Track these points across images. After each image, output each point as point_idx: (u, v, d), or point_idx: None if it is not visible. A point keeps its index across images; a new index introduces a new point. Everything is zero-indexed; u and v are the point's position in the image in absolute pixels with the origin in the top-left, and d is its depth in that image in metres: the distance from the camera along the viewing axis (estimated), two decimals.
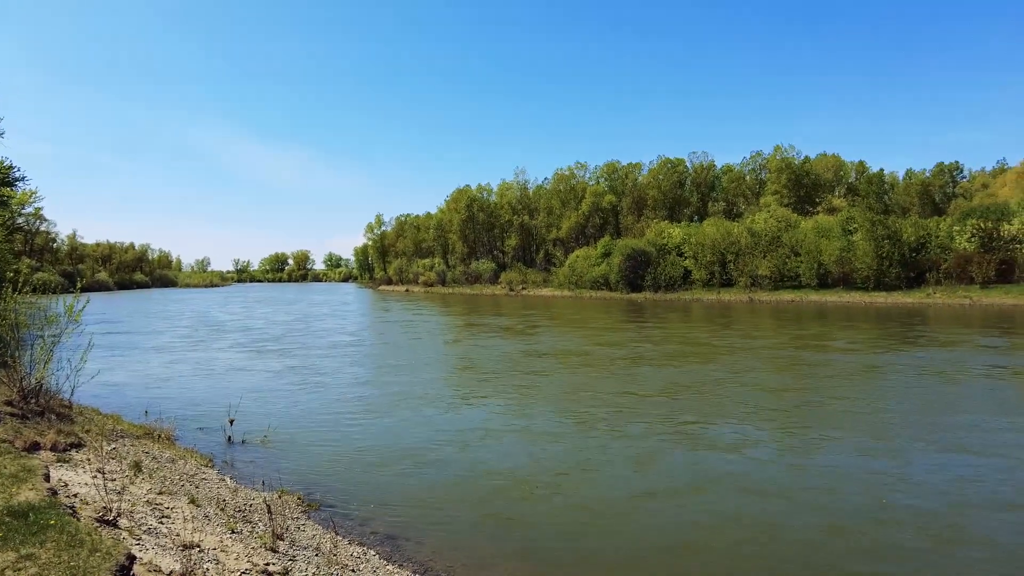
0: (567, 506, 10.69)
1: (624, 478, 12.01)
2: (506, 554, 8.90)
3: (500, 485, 11.69)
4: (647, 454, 13.48)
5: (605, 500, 10.93)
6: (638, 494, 11.20)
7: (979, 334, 34.63)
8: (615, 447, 13.98)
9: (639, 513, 10.39)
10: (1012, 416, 16.07)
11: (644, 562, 8.69)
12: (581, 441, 14.56)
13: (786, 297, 69.62)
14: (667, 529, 9.78)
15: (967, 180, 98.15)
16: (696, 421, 16.26)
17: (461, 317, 53.70)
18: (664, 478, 12.02)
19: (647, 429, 15.47)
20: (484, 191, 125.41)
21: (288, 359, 28.08)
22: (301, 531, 9.17)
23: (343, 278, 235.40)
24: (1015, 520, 9.71)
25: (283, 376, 23.59)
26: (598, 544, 9.23)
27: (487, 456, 13.47)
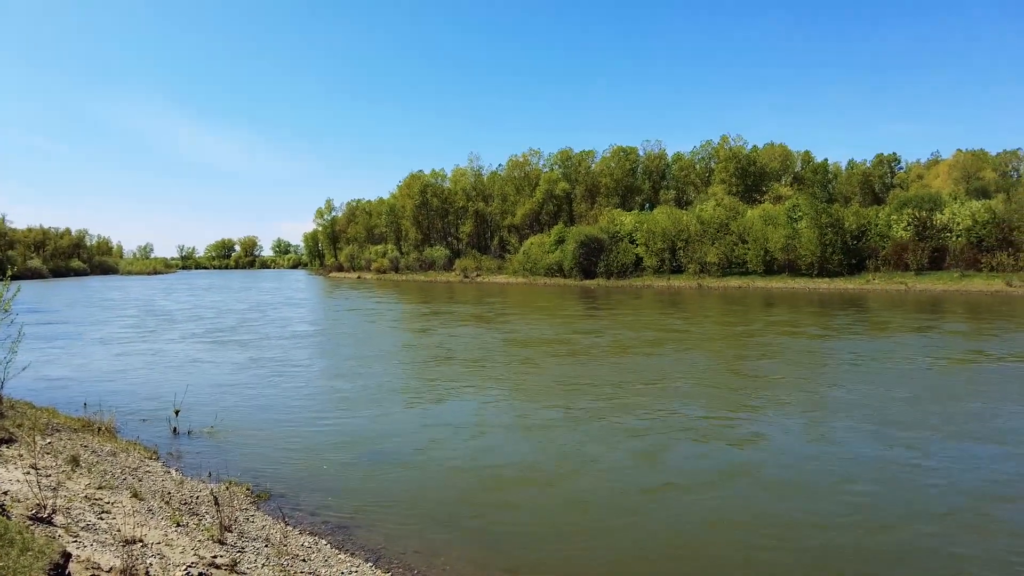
0: (520, 491, 10.77)
1: (585, 461, 12.15)
2: (458, 539, 8.93)
3: (454, 473, 11.69)
4: (644, 445, 13.64)
5: (556, 484, 11.04)
6: (595, 476, 11.35)
7: (926, 320, 36.24)
8: (600, 437, 14.11)
9: (595, 492, 10.54)
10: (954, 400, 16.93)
11: (595, 538, 8.85)
12: (554, 431, 14.65)
13: (733, 283, 71.36)
14: (619, 504, 9.96)
15: (904, 171, 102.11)
16: (707, 415, 16.46)
17: (425, 305, 53.01)
18: (630, 463, 12.21)
19: (634, 416, 15.67)
20: (438, 176, 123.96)
21: (245, 350, 27.38)
22: (250, 522, 8.99)
23: (292, 265, 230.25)
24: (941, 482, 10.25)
25: (235, 366, 23.04)
26: (547, 528, 9.33)
27: (444, 445, 13.43)
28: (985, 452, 12.29)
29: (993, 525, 9.09)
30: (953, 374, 20.31)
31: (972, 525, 9.10)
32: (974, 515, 9.42)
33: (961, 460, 11.81)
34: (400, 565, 8.23)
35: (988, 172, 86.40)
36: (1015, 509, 9.65)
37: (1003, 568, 7.85)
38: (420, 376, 21.29)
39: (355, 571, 7.84)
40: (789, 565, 8.12)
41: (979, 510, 9.61)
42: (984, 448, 12.54)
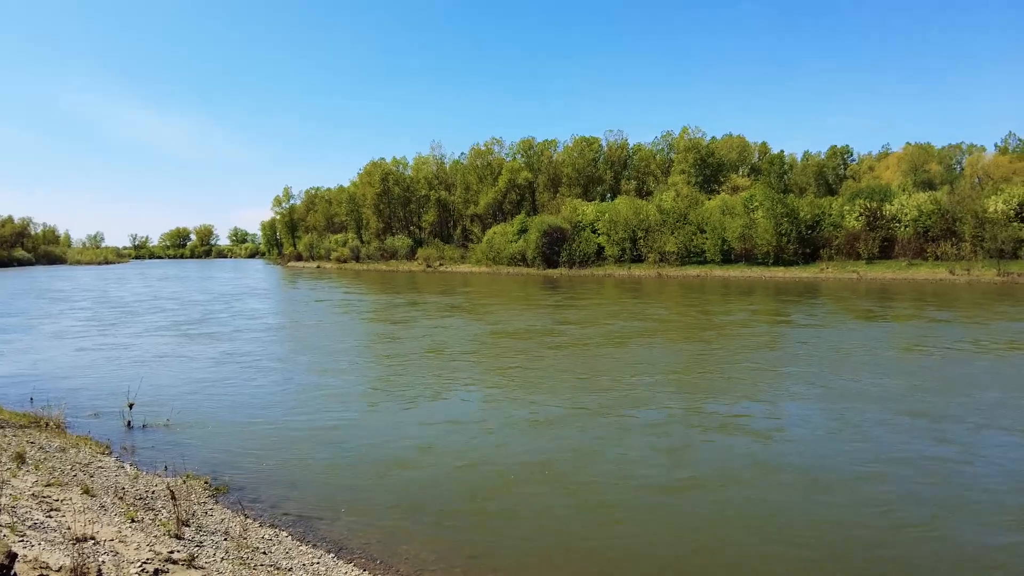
0: (480, 480, 10.81)
1: (543, 449, 12.25)
2: (421, 528, 8.93)
3: (416, 464, 11.66)
4: (665, 438, 13.76)
5: (518, 474, 11.11)
6: (555, 465, 11.45)
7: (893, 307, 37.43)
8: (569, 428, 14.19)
9: (547, 482, 10.63)
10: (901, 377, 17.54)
11: (551, 521, 8.96)
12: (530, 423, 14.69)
13: (692, 272, 72.54)
14: (587, 492, 10.08)
15: (856, 163, 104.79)
16: (721, 407, 16.35)
17: (398, 295, 52.06)
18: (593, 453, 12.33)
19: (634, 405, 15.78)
20: (400, 164, 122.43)
21: (213, 343, 26.70)
22: (209, 516, 8.85)
23: (250, 254, 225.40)
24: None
25: (198, 360, 22.53)
26: (509, 514, 9.40)
27: (403, 435, 13.38)
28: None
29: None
30: (963, 363, 20.20)
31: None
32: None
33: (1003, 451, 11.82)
34: (362, 555, 8.21)
35: (934, 165, 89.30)
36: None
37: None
38: (395, 369, 21.13)
39: (317, 562, 7.79)
40: (822, 563, 8.01)
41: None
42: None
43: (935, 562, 7.92)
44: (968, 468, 10.97)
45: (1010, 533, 8.54)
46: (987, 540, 8.37)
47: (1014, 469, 10.82)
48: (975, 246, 61.93)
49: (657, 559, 8.16)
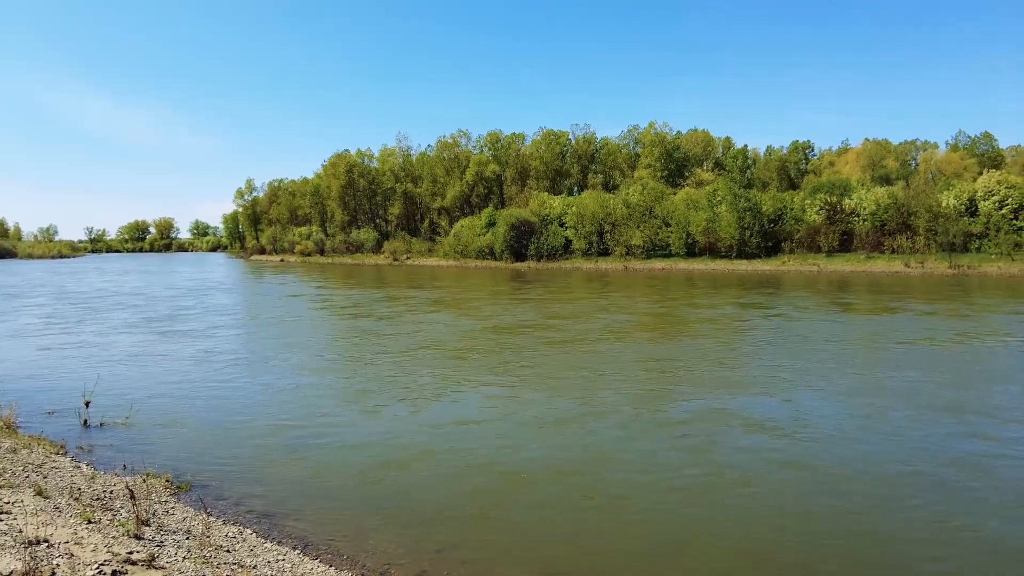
0: (449, 473, 10.77)
1: (513, 443, 12.26)
2: (389, 524, 8.87)
3: (383, 457, 11.57)
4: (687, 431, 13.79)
5: (488, 466, 11.10)
6: (526, 459, 11.47)
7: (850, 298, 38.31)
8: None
9: (520, 477, 10.64)
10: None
11: (521, 514, 9.00)
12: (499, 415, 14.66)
13: (657, 265, 73.38)
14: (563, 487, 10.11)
15: (817, 158, 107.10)
16: (737, 402, 16.51)
17: (377, 291, 50.89)
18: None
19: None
20: (365, 156, 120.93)
21: (187, 340, 26.04)
22: (170, 515, 8.65)
23: (212, 247, 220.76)
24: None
25: (162, 357, 21.94)
26: (479, 508, 9.40)
27: (373, 431, 13.26)
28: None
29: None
30: (978, 356, 20.38)
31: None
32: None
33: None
34: (328, 551, 8.12)
35: (891, 161, 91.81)
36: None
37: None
38: (374, 366, 20.90)
39: (282, 559, 7.67)
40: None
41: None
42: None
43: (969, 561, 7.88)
44: (1003, 464, 10.88)
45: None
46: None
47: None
48: (928, 240, 63.89)
49: (636, 554, 8.21)
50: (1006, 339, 23.24)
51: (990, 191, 63.62)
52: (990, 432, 12.46)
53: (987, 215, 62.67)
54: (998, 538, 8.29)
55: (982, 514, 8.94)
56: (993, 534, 8.41)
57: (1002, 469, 10.58)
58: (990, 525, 8.63)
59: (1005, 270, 56.90)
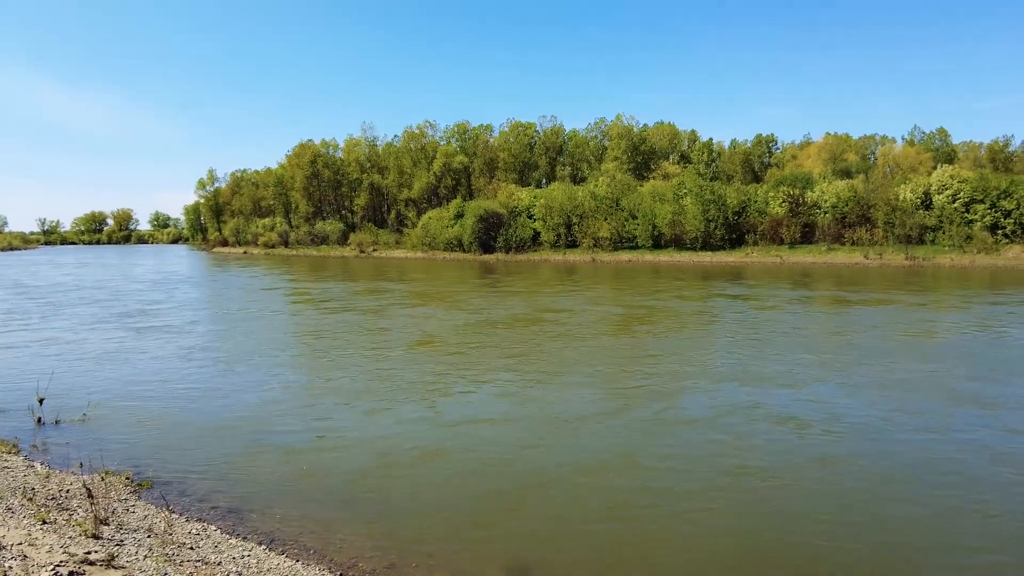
0: (413, 466, 10.71)
1: (481, 438, 12.23)
2: (356, 517, 8.81)
3: (351, 453, 11.45)
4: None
5: (461, 459, 11.07)
6: (498, 451, 11.46)
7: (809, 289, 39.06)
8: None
9: (488, 471, 10.63)
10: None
11: (490, 503, 9.01)
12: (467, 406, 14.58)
13: (624, 257, 73.92)
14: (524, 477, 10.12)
15: (780, 151, 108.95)
16: (760, 397, 16.25)
17: (356, 283, 49.58)
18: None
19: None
20: (329, 147, 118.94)
21: (151, 336, 25.25)
22: (130, 513, 8.46)
23: (173, 239, 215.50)
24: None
25: (126, 353, 21.33)
26: (444, 500, 9.36)
27: (333, 425, 13.10)
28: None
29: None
30: (986, 347, 20.72)
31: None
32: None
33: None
34: (295, 546, 8.04)
35: (851, 155, 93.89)
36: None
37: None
38: (357, 361, 20.63)
39: (248, 554, 7.56)
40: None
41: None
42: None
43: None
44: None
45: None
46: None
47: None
48: (887, 232, 65.60)
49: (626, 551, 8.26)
50: (1002, 330, 23.59)
51: (944, 185, 65.54)
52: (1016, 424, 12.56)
53: (941, 208, 64.56)
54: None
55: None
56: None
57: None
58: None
59: (957, 261, 58.78)
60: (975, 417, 12.92)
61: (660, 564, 7.70)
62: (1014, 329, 23.72)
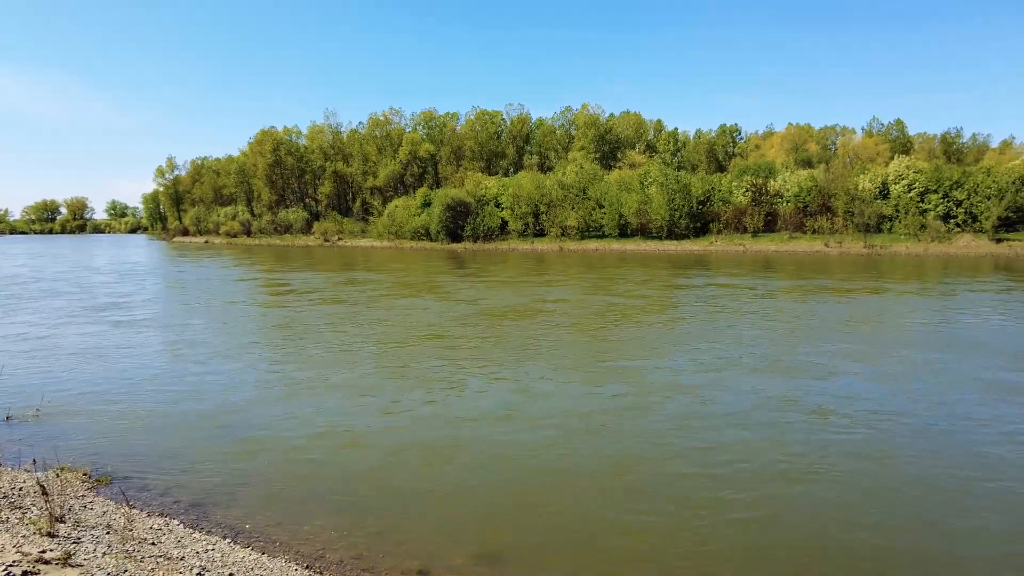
0: (382, 457, 10.62)
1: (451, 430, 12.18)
2: (324, 509, 8.70)
3: (315, 440, 11.29)
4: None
5: (434, 451, 11.01)
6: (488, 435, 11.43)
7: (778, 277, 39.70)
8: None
9: (456, 456, 10.60)
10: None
11: (461, 491, 9.01)
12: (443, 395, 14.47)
13: (591, 246, 74.34)
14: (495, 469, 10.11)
15: (744, 141, 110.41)
16: (785, 387, 16.14)
17: (336, 274, 47.92)
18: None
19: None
20: (292, 134, 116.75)
21: (117, 329, 24.45)
22: (88, 510, 8.21)
23: (131, 229, 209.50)
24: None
25: (88, 347, 20.64)
26: (412, 490, 9.31)
27: (298, 416, 12.90)
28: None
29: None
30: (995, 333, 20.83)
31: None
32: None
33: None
34: (261, 539, 7.90)
35: (812, 145, 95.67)
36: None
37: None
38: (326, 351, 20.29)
39: (211, 549, 7.41)
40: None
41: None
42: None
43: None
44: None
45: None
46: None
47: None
48: (846, 221, 67.17)
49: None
50: (1004, 315, 24.15)
51: (900, 175, 67.33)
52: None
53: (897, 198, 66.35)
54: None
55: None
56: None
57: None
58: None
59: (912, 250, 60.55)
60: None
61: (632, 548, 7.77)
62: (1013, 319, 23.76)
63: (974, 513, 8.47)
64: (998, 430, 11.44)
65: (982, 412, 12.44)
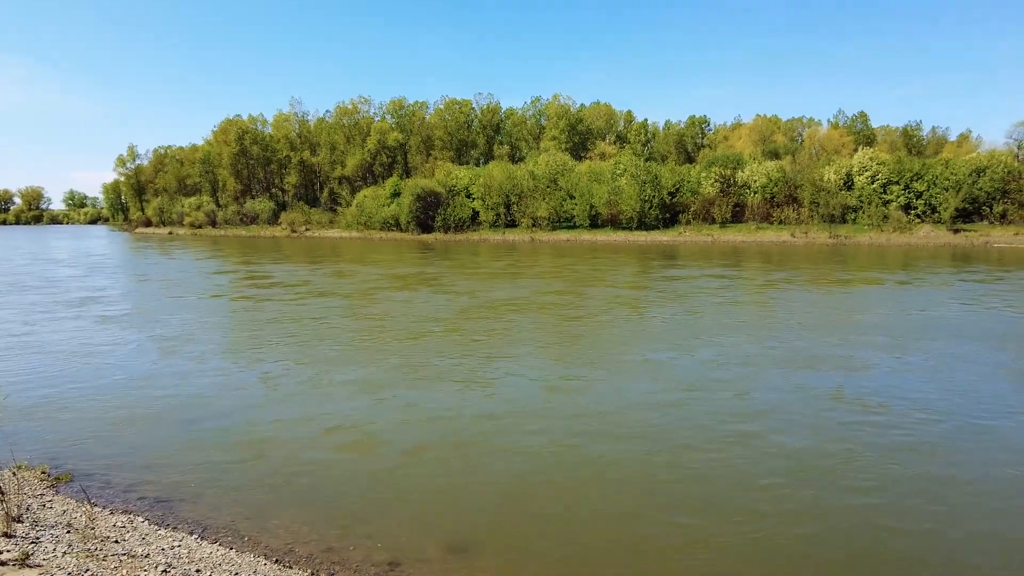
0: (352, 451, 10.53)
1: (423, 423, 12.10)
2: (293, 501, 8.59)
3: (284, 434, 11.14)
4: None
5: (405, 443, 10.93)
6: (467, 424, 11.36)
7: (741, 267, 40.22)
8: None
9: (427, 448, 10.54)
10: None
11: (434, 480, 8.97)
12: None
13: (562, 237, 74.52)
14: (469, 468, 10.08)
15: (712, 132, 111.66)
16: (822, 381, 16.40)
17: (318, 266, 47.09)
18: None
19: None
20: (257, 122, 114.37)
21: (90, 326, 23.72)
22: (47, 509, 8.00)
23: (91, 220, 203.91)
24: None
25: (57, 343, 20.00)
26: (383, 483, 9.25)
27: (265, 409, 12.71)
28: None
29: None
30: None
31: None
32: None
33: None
34: (228, 533, 7.78)
35: (779, 136, 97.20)
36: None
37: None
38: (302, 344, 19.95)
39: (178, 545, 7.27)
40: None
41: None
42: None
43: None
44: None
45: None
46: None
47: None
48: (812, 211, 68.40)
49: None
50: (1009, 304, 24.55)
51: (864, 167, 68.74)
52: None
53: (861, 189, 67.75)
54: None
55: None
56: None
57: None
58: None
59: (875, 240, 61.96)
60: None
61: (623, 540, 7.82)
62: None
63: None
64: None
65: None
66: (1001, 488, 8.87)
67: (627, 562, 7.26)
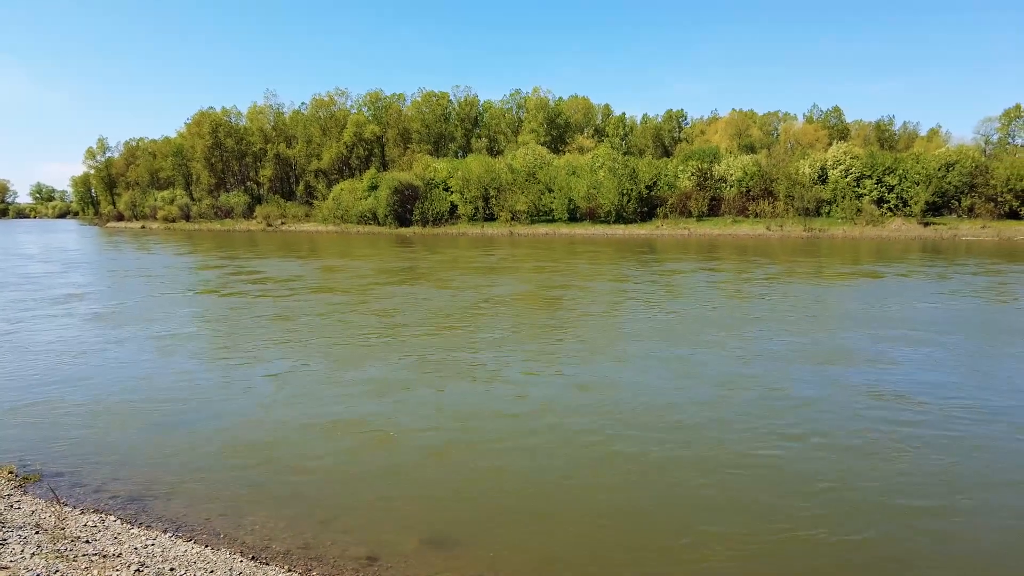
0: (328, 446, 10.45)
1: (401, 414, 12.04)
2: (269, 498, 8.51)
3: (258, 430, 11.01)
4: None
5: (382, 438, 10.87)
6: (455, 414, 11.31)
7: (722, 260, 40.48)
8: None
9: (404, 443, 10.50)
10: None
11: (413, 473, 8.92)
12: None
13: (541, 231, 74.52)
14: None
15: (689, 126, 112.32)
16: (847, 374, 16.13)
17: (306, 261, 45.34)
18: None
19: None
20: (231, 114, 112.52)
21: (70, 324, 23.20)
22: (15, 510, 7.84)
23: (60, 214, 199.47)
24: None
25: (27, 341, 19.52)
26: (360, 478, 9.20)
27: (241, 406, 12.56)
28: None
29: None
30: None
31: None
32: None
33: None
34: (204, 531, 7.68)
35: (755, 130, 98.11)
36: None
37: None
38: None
39: (151, 543, 7.15)
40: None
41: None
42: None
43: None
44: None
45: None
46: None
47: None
48: (787, 205, 69.21)
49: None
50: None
51: (838, 161, 69.69)
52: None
53: (835, 183, 68.68)
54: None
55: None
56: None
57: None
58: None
59: (848, 233, 62.92)
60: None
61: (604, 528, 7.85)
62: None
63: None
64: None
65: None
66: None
67: (610, 559, 7.32)
